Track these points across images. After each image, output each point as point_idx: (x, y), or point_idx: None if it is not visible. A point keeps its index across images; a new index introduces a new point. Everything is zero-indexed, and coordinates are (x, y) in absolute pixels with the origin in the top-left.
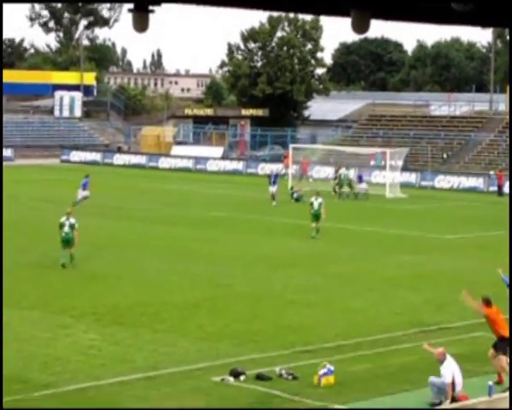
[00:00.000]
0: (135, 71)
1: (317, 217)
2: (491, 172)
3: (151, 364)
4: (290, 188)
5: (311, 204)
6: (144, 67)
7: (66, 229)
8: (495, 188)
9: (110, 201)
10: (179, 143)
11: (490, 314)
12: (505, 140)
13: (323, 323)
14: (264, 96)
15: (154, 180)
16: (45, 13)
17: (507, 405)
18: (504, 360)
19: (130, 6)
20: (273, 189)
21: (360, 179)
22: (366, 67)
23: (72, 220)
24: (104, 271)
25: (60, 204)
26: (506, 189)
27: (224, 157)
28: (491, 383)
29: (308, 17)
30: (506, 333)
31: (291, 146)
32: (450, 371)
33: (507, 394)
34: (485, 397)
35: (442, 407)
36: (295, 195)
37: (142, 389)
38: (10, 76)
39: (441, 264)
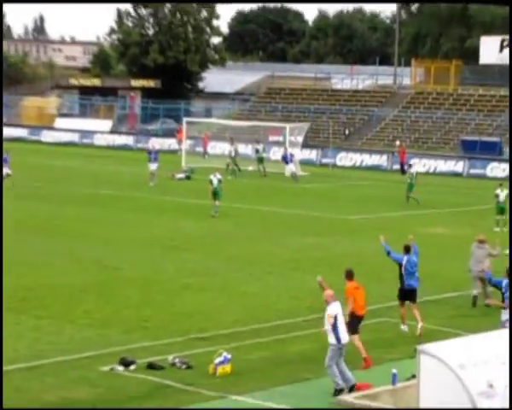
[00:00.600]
0: (15, 37)
1: (216, 194)
2: (397, 143)
3: (34, 353)
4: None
5: (211, 181)
6: (26, 32)
7: None
8: (398, 166)
9: None
10: (64, 116)
11: (349, 289)
12: (409, 116)
13: (220, 308)
14: (156, 67)
15: (37, 155)
16: None
17: (412, 393)
18: (356, 338)
19: None
20: (153, 166)
21: (286, 160)
22: (264, 36)
23: None
24: None
25: None
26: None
27: (112, 131)
28: (394, 371)
29: None
30: (362, 312)
31: (185, 120)
32: (335, 310)
33: (411, 382)
34: (389, 386)
35: (344, 396)
36: (178, 175)
37: (24, 380)
38: None
39: (343, 246)
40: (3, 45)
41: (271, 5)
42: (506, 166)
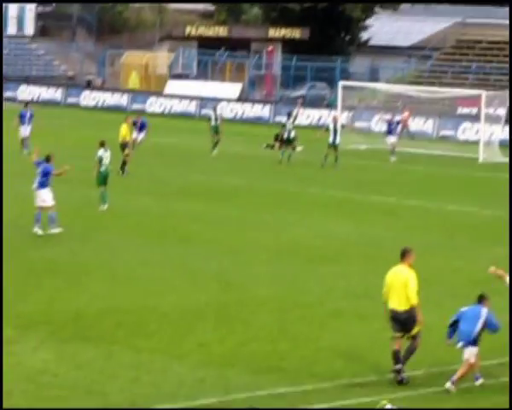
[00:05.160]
0: None
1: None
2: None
3: (130, 398)
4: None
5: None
6: None
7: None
8: None
9: (74, 159)
10: (177, 77)
11: None
12: None
13: (384, 344)
14: (303, 11)
15: None
16: None
17: None
18: None
19: None
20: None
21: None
22: None
23: None
24: (64, 261)
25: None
26: None
27: (241, 99)
28: None
29: None
30: None
31: (341, 84)
32: None
33: None
34: None
35: None
36: None
37: None
38: None
39: None
40: None
41: None
42: None
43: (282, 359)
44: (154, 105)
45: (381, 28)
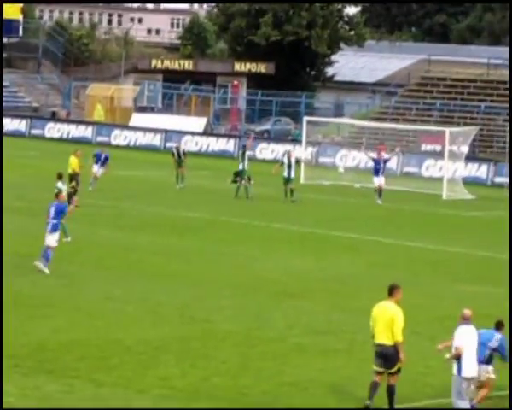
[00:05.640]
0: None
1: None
2: None
3: None
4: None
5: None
6: None
7: None
8: None
9: (38, 192)
10: (142, 110)
11: None
12: None
13: (347, 380)
14: (269, 45)
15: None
16: None
17: None
18: None
19: None
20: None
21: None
22: (420, 7)
23: None
24: (26, 293)
25: None
26: None
27: (206, 132)
28: None
29: None
30: None
31: (305, 119)
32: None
33: None
34: None
35: None
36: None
37: None
38: None
39: None
40: (63, 14)
41: None
42: None
43: (244, 394)
44: (118, 138)
45: (347, 64)
